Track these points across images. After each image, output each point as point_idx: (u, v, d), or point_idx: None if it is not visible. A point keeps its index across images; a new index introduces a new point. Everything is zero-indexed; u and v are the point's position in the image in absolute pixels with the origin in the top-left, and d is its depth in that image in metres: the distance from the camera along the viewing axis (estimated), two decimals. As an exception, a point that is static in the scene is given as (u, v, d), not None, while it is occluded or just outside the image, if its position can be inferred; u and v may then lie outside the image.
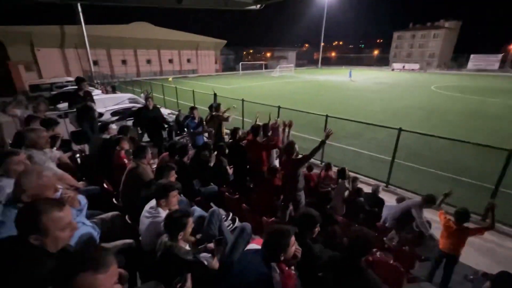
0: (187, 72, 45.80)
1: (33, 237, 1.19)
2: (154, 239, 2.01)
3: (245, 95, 12.56)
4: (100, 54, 35.06)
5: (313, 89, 25.23)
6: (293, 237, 1.67)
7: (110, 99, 11.01)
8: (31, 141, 2.57)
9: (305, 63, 75.60)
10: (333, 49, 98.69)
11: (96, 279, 0.91)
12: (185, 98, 15.05)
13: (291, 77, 39.97)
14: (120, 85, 22.14)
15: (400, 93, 22.60)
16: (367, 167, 7.29)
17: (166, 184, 2.25)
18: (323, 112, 7.55)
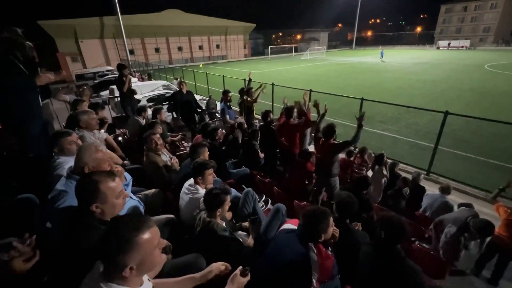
0: (216, 58, 46.18)
1: (94, 205, 1.31)
2: (193, 214, 2.12)
3: (274, 79, 12.32)
4: (135, 43, 36.71)
5: (346, 72, 23.88)
6: (331, 218, 1.63)
7: (146, 86, 11.56)
8: (84, 123, 2.81)
9: (337, 44, 71.46)
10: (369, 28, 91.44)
11: (140, 238, 0.97)
12: (215, 84, 15.25)
13: (322, 60, 38.20)
14: (154, 73, 23.14)
15: (446, 74, 20.40)
16: (405, 153, 6.84)
17: (202, 162, 2.34)
18: (358, 95, 7.12)
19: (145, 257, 0.99)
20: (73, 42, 30.69)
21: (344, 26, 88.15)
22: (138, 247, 0.96)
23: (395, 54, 41.92)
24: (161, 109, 4.39)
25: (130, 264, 0.95)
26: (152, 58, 38.06)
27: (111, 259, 0.96)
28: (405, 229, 1.70)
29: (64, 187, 1.67)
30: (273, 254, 1.70)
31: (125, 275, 0.96)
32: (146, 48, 38.55)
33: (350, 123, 8.75)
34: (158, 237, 1.07)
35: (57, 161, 2.24)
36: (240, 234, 2.20)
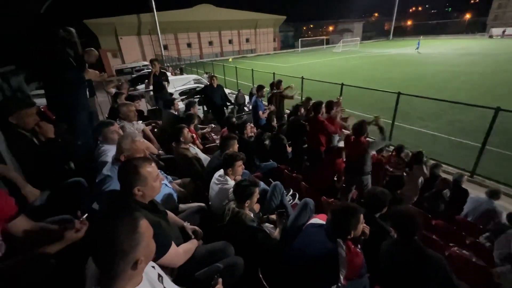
0: (245, 52, 46.33)
1: (137, 188, 1.43)
2: (223, 204, 2.20)
3: (304, 73, 12.02)
4: (169, 39, 38.20)
5: (382, 65, 22.48)
6: (362, 215, 1.59)
7: (178, 81, 12.03)
8: (124, 114, 3.04)
9: (373, 35, 67.21)
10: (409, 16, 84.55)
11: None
12: (244, 78, 15.35)
13: (356, 52, 36.36)
14: (185, 67, 23.93)
15: (498, 66, 18.23)
16: (446, 153, 6.32)
17: (232, 154, 2.40)
18: (395, 89, 6.69)
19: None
20: (113, 39, 32.87)
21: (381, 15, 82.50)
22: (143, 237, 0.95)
23: (438, 45, 38.40)
24: (194, 103, 4.56)
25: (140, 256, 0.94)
26: (184, 53, 39.35)
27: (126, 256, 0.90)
28: (416, 220, 1.68)
29: (110, 172, 1.84)
30: (300, 247, 1.71)
31: (136, 270, 0.94)
32: (179, 44, 39.92)
33: (384, 119, 8.29)
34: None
35: (101, 149, 2.46)
36: (267, 226, 2.23)
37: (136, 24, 33.91)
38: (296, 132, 4.59)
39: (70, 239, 1.37)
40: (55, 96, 2.90)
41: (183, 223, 1.88)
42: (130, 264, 0.91)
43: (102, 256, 0.90)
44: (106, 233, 0.89)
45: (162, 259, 1.38)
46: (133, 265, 0.92)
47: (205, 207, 2.27)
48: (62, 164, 2.33)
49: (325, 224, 1.67)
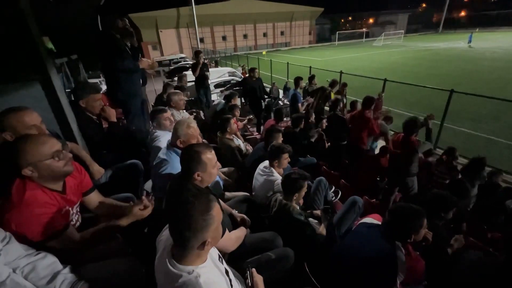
0: (279, 45, 45.73)
1: (197, 173, 1.48)
2: (267, 195, 2.21)
3: (342, 67, 11.50)
4: (205, 32, 39.09)
5: (428, 60, 20.67)
6: (425, 219, 1.48)
7: (214, 73, 12.28)
8: (174, 103, 3.19)
9: (419, 28, 61.93)
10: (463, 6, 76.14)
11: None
12: (278, 72, 15.18)
13: (398, 46, 33.87)
14: (220, 60, 24.33)
15: None
16: (504, 159, 5.67)
17: (279, 146, 2.39)
18: (443, 86, 6.09)
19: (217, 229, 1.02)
20: (154, 32, 34.55)
21: (429, 5, 75.34)
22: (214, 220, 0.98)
23: (498, 38, 34.18)
24: (235, 95, 4.63)
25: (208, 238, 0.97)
26: (219, 46, 40.04)
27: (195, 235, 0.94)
28: None
29: (165, 156, 1.94)
30: (353, 246, 1.65)
31: (203, 250, 0.98)
32: (214, 36, 40.69)
33: (431, 119, 7.65)
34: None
35: (155, 134, 2.61)
36: (312, 221, 2.19)
37: (175, 18, 35.18)
38: (336, 128, 4.43)
39: (139, 215, 1.48)
40: (113, 83, 3.12)
41: (231, 210, 1.93)
42: (199, 243, 0.95)
43: (176, 228, 0.95)
44: (184, 208, 0.93)
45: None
46: (200, 245, 0.95)
47: (250, 196, 2.30)
48: (122, 146, 2.52)
49: (383, 225, 1.58)
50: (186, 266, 0.97)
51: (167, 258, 0.99)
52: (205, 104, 6.47)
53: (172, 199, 1.04)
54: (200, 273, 0.97)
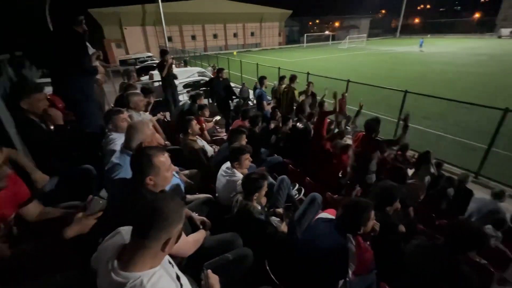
0: (250, 46, 45.97)
1: (149, 177, 1.42)
2: (230, 196, 2.20)
3: (309, 68, 11.90)
4: (173, 31, 37.91)
5: (388, 62, 22.24)
6: (373, 211, 1.59)
7: (182, 73, 11.96)
8: (133, 104, 3.03)
9: (380, 32, 66.36)
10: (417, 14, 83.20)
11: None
12: (248, 72, 15.25)
13: (362, 49, 35.96)
14: (190, 60, 23.77)
15: (507, 66, 18.00)
16: (451, 153, 6.27)
17: (239, 148, 2.40)
18: (400, 88, 6.60)
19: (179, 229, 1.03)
20: (118, 29, 32.67)
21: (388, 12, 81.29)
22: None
23: (446, 44, 37.85)
24: (201, 95, 4.54)
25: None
26: (188, 45, 39.10)
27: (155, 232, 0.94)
28: (481, 244, 1.59)
29: (119, 160, 1.83)
30: (309, 241, 1.71)
31: (162, 251, 0.98)
32: (183, 35, 39.64)
33: (390, 117, 8.22)
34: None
35: (110, 137, 2.45)
36: (274, 219, 2.23)
37: (141, 15, 33.63)
38: (299, 139, 4.52)
39: (84, 224, 1.38)
40: (70, 84, 2.89)
41: (191, 213, 1.89)
42: (163, 241, 0.96)
43: (146, 224, 0.94)
44: (159, 203, 0.97)
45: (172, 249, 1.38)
46: (163, 244, 0.96)
47: (212, 198, 2.28)
48: (70, 151, 2.33)
49: (336, 219, 1.66)
50: (132, 272, 0.93)
51: (111, 270, 0.94)
52: (173, 105, 6.28)
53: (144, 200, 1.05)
54: (148, 278, 0.93)
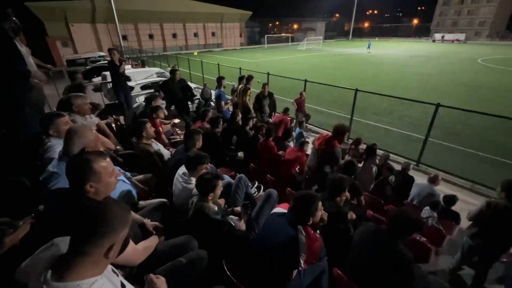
0: (212, 46, 45.39)
1: (89, 184, 1.32)
2: (186, 201, 2.15)
3: (271, 69, 12.21)
4: (128, 29, 35.69)
5: (343, 63, 23.80)
6: (320, 202, 1.69)
7: (139, 73, 11.32)
8: (76, 107, 2.78)
9: (334, 35, 70.78)
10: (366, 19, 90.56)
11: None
12: (211, 73, 15.06)
13: (319, 50, 37.92)
14: (148, 60, 22.64)
15: (440, 67, 20.53)
16: (397, 145, 6.95)
17: (196, 157, 2.32)
18: (353, 87, 7.13)
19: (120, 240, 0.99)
20: (63, 26, 29.61)
21: (341, 16, 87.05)
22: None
23: (391, 46, 41.79)
24: (156, 97, 4.35)
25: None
26: (146, 44, 37.17)
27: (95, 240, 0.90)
28: (417, 226, 1.74)
29: (56, 168, 1.67)
30: (263, 236, 1.76)
31: (106, 259, 0.94)
32: (139, 34, 37.56)
33: (344, 114, 8.81)
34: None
35: (48, 144, 2.22)
36: (232, 218, 2.24)
37: (90, 11, 30.97)
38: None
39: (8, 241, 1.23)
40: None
41: (143, 219, 1.81)
42: (106, 246, 0.92)
43: (88, 229, 0.90)
44: (101, 207, 0.94)
45: (119, 258, 1.31)
46: (107, 250, 0.92)
47: (167, 202, 2.20)
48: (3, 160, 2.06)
49: (287, 212, 1.74)
50: (70, 282, 0.86)
51: (43, 282, 0.86)
52: (127, 108, 5.91)
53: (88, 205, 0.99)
54: (88, 286, 0.88)
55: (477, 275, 2.74)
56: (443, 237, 3.42)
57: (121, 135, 4.27)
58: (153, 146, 3.05)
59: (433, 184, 4.03)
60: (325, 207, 2.16)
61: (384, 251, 1.70)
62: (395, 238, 1.72)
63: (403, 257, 1.68)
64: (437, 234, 3.43)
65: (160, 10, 36.79)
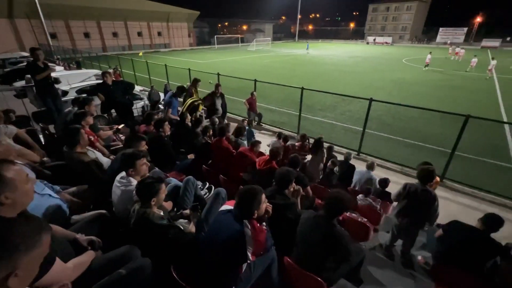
0: (158, 46, 43.14)
1: (4, 195, 1.15)
2: (128, 207, 2.01)
3: (222, 69, 12.16)
4: (57, 26, 31.66)
5: (291, 63, 24.98)
6: (263, 195, 1.75)
7: (74, 76, 10.18)
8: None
9: (282, 36, 73.91)
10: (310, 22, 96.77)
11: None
12: (158, 74, 14.29)
13: (268, 51, 39.11)
14: (84, 61, 20.38)
15: (373, 66, 23.10)
16: (341, 137, 7.59)
17: (131, 153, 2.20)
18: (300, 85, 7.54)
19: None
20: (-31, 20, 24.82)
21: (288, 19, 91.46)
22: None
23: (332, 48, 45.46)
24: (90, 101, 3.94)
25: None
26: (81, 44, 33.46)
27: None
28: (346, 205, 1.95)
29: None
30: (211, 235, 1.75)
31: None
32: (72, 32, 33.60)
33: (293, 111, 9.27)
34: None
35: None
36: (181, 222, 2.18)
37: (6, 4, 26.53)
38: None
39: None
40: None
41: (75, 235, 1.63)
42: (4, 272, 0.77)
43: None
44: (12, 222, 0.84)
45: (43, 279, 1.17)
46: (2, 280, 0.78)
47: (105, 213, 2.02)
48: None
49: (233, 208, 1.76)
50: None
51: None
52: (57, 114, 5.22)
53: None
54: None
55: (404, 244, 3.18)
56: (380, 216, 3.86)
57: (51, 146, 3.78)
58: (89, 155, 2.77)
59: (370, 170, 4.51)
60: (276, 199, 2.26)
61: (323, 233, 1.86)
62: (330, 219, 1.90)
63: (339, 235, 1.86)
64: (374, 214, 3.86)
65: (95, 6, 33.48)
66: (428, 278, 2.87)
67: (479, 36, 52.56)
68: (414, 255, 3.31)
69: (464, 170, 5.61)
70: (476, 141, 6.93)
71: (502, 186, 5.01)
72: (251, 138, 5.24)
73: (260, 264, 1.78)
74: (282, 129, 7.85)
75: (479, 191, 4.98)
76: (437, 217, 2.99)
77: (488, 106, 10.90)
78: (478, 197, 4.90)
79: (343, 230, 1.90)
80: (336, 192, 1.95)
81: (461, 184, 5.19)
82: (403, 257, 3.23)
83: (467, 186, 5.11)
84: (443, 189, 5.09)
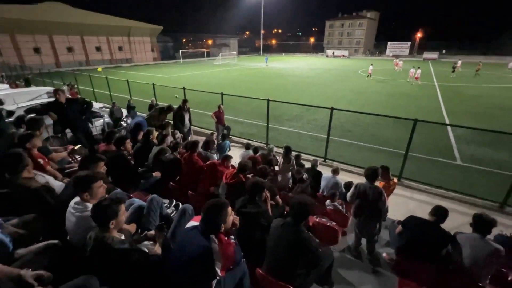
0: (120, 61, 41.47)
1: None
2: (86, 235, 1.85)
3: (188, 83, 12.04)
4: (2, 41, 28.88)
5: (257, 76, 25.63)
6: (229, 208, 1.74)
7: (22, 94, 9.30)
8: None
9: (247, 50, 75.90)
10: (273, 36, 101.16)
11: None
12: (120, 90, 13.65)
13: (234, 65, 39.77)
14: (34, 78, 18.72)
15: (333, 77, 24.71)
16: (308, 145, 7.89)
17: (86, 176, 2.04)
18: (266, 98, 7.74)
19: None
20: None
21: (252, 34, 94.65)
22: None
23: (295, 61, 47.79)
24: (40, 120, 3.61)
25: None
26: (30, 60, 30.86)
27: None
28: (309, 209, 2.01)
29: None
30: (177, 253, 1.68)
31: None
32: (19, 48, 30.87)
33: (261, 123, 9.44)
34: None
35: None
36: (146, 244, 2.05)
37: None
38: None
39: None
40: None
41: (20, 271, 1.45)
42: None
43: None
44: None
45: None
46: None
47: (57, 243, 1.83)
48: None
49: (199, 224, 1.72)
50: None
51: None
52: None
53: None
54: None
55: (368, 242, 3.37)
56: (347, 218, 4.04)
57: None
58: (38, 180, 2.51)
59: (335, 174, 4.73)
60: (248, 208, 2.27)
61: (290, 240, 1.90)
62: (297, 224, 1.95)
63: (306, 240, 1.92)
64: (342, 217, 4.03)
65: (46, 20, 31.33)
66: (393, 273, 3.04)
67: (421, 49, 59.43)
68: (379, 252, 3.51)
69: (418, 169, 6.16)
70: (425, 143, 7.70)
71: (451, 181, 5.59)
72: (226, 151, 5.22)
73: (231, 278, 1.74)
74: (250, 140, 7.93)
75: (431, 187, 5.48)
76: (387, 211, 3.30)
77: (431, 111, 12.24)
78: (431, 193, 5.38)
79: (311, 235, 1.96)
80: (299, 197, 2.02)
81: (416, 182, 5.67)
82: (370, 256, 3.39)
83: (422, 184, 5.60)
84: (401, 188, 5.50)
